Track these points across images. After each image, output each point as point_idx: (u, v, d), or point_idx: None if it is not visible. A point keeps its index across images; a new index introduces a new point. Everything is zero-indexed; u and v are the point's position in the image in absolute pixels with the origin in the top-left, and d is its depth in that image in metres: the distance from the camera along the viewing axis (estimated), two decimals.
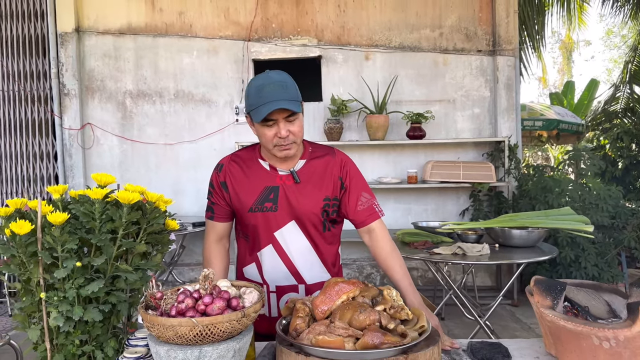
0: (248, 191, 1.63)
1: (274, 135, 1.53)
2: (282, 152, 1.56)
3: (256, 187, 1.62)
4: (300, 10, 5.16)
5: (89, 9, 5.20)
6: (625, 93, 8.16)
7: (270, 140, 1.55)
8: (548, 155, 14.14)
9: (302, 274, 1.65)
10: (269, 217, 1.61)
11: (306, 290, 1.65)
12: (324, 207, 1.63)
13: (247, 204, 1.62)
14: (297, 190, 1.61)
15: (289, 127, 1.53)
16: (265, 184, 1.62)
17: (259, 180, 1.63)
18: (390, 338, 1.13)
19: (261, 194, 1.62)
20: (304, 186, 1.62)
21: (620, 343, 1.09)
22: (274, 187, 1.62)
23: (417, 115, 4.81)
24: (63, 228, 1.19)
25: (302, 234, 1.63)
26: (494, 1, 5.06)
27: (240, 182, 1.64)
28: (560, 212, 3.15)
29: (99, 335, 1.28)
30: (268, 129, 1.53)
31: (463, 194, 5.11)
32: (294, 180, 1.62)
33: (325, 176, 1.65)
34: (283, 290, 1.65)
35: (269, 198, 1.61)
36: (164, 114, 5.24)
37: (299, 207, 1.61)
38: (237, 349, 1.10)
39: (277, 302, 1.65)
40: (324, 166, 1.66)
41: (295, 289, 1.65)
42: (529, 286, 1.38)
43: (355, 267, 5.18)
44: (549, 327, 1.27)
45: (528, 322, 4.15)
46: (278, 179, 1.62)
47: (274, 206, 1.60)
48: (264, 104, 1.47)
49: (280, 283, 1.65)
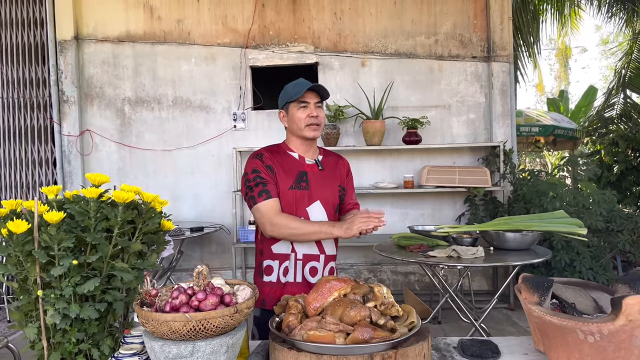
0: (287, 173, 1.93)
1: (307, 115, 1.90)
2: (312, 132, 1.92)
3: (292, 170, 1.94)
4: (297, 18, 5.21)
5: (88, 17, 5.25)
6: (620, 99, 8.21)
7: (303, 120, 1.91)
8: (545, 162, 14.19)
9: (324, 245, 1.97)
10: (304, 194, 1.93)
11: (325, 260, 1.97)
12: (339, 191, 2.03)
13: (288, 183, 1.92)
14: (321, 176, 1.98)
15: (318, 111, 1.93)
16: (298, 168, 1.96)
17: (293, 165, 1.96)
18: (380, 333, 1.16)
19: (297, 175, 1.94)
20: (325, 174, 2.00)
21: (605, 337, 1.12)
22: (304, 171, 1.96)
23: (413, 121, 4.85)
24: (59, 227, 1.21)
25: (325, 212, 1.95)
26: (488, 8, 5.12)
27: (281, 166, 1.94)
28: (554, 216, 3.17)
29: (96, 334, 1.31)
30: (302, 110, 1.91)
31: (459, 198, 5.14)
32: (318, 168, 1.99)
33: (336, 170, 2.05)
34: (309, 258, 1.94)
35: (302, 179, 1.94)
36: (163, 120, 5.28)
37: (324, 190, 1.96)
38: (230, 344, 1.12)
39: (302, 268, 1.93)
40: (335, 163, 2.07)
41: (317, 258, 1.95)
42: (517, 284, 1.40)
43: (353, 272, 5.20)
44: (536, 323, 1.30)
45: (524, 325, 4.17)
46: (307, 166, 1.97)
47: (307, 185, 1.94)
48: (302, 87, 1.88)
49: (307, 252, 1.94)
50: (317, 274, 1.95)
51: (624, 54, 8.52)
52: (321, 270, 1.96)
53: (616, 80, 8.42)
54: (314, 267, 1.95)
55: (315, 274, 1.95)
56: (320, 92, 1.93)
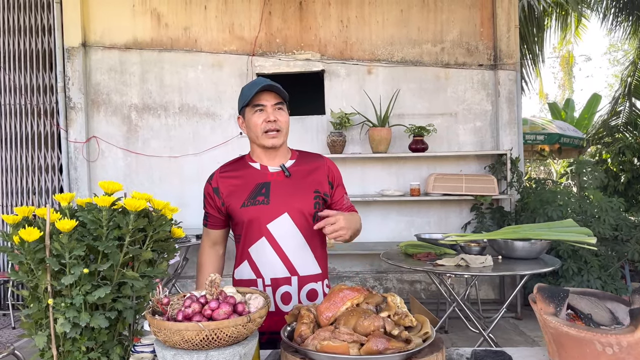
0: (240, 190, 1.71)
1: (263, 120, 1.66)
2: (271, 139, 1.67)
3: (248, 185, 1.70)
4: (304, 26, 5.23)
5: (95, 24, 5.28)
6: (626, 107, 8.19)
7: (259, 126, 1.67)
8: (550, 170, 14.14)
9: (295, 266, 1.68)
10: (262, 210, 1.66)
11: (299, 282, 1.68)
12: (315, 198, 1.70)
13: (239, 201, 1.69)
14: (288, 184, 1.70)
15: (276, 115, 1.66)
16: (257, 181, 1.70)
17: (250, 178, 1.71)
18: (394, 344, 1.14)
19: (253, 190, 1.69)
20: (295, 180, 1.71)
21: (624, 349, 1.10)
22: (265, 182, 1.70)
23: (419, 129, 4.84)
24: (71, 235, 1.21)
25: (295, 226, 1.67)
26: (495, 16, 5.13)
27: (233, 184, 1.72)
28: (562, 224, 3.15)
29: (105, 342, 1.29)
30: (258, 115, 1.66)
31: (465, 206, 5.12)
32: (284, 175, 1.71)
33: (315, 173, 1.75)
34: (277, 282, 1.68)
35: (260, 192, 1.68)
36: (169, 127, 5.29)
37: (292, 199, 1.67)
38: (243, 354, 1.11)
39: (272, 295, 1.67)
40: (313, 166, 1.76)
41: (288, 281, 1.68)
42: (532, 294, 1.38)
43: (358, 280, 5.17)
44: (552, 334, 1.28)
45: (532, 335, 4.13)
46: (269, 176, 1.71)
47: (266, 199, 1.67)
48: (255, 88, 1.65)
49: (274, 275, 1.68)
50: (291, 301, 1.67)
51: (630, 62, 8.51)
52: (296, 296, 1.67)
53: (622, 88, 8.41)
54: (286, 293, 1.67)
55: (289, 301, 1.67)
56: (279, 92, 1.67)
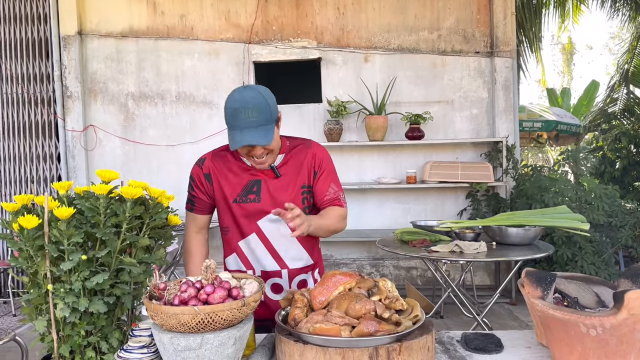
0: (232, 183, 1.72)
1: (248, 153, 1.63)
2: (258, 165, 1.67)
3: (240, 180, 1.71)
4: (300, 13, 5.21)
5: (91, 13, 5.26)
6: (623, 94, 8.20)
7: (244, 156, 1.67)
8: (548, 157, 14.18)
9: (285, 260, 1.74)
10: (253, 207, 1.70)
11: (289, 275, 1.74)
12: (302, 194, 1.73)
13: (232, 195, 1.71)
14: (278, 183, 1.71)
15: (263, 154, 1.63)
16: (249, 177, 1.71)
17: (242, 173, 1.72)
18: (385, 326, 1.17)
19: (245, 186, 1.71)
20: (284, 179, 1.72)
21: (607, 330, 1.13)
22: (256, 180, 1.71)
23: (415, 116, 4.86)
24: (69, 222, 1.23)
25: (284, 222, 1.63)
26: (491, 3, 5.11)
27: (225, 175, 1.73)
28: (556, 211, 3.19)
29: (104, 327, 1.33)
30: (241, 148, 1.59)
31: (461, 193, 5.15)
32: (274, 176, 1.71)
33: (302, 166, 1.74)
34: (268, 275, 1.74)
35: (252, 190, 1.70)
36: (166, 115, 5.29)
37: (282, 197, 1.69)
38: (238, 336, 1.14)
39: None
40: (301, 157, 1.75)
41: (279, 274, 1.74)
42: (520, 279, 1.42)
43: (355, 267, 5.22)
44: (539, 317, 1.31)
45: (526, 320, 4.19)
46: (260, 173, 1.71)
47: (257, 198, 1.70)
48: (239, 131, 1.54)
49: (265, 268, 1.73)
50: (282, 292, 1.74)
51: (626, 49, 8.50)
52: (286, 287, 1.74)
53: (619, 75, 8.41)
54: (277, 284, 1.74)
55: (279, 292, 1.74)
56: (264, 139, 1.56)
